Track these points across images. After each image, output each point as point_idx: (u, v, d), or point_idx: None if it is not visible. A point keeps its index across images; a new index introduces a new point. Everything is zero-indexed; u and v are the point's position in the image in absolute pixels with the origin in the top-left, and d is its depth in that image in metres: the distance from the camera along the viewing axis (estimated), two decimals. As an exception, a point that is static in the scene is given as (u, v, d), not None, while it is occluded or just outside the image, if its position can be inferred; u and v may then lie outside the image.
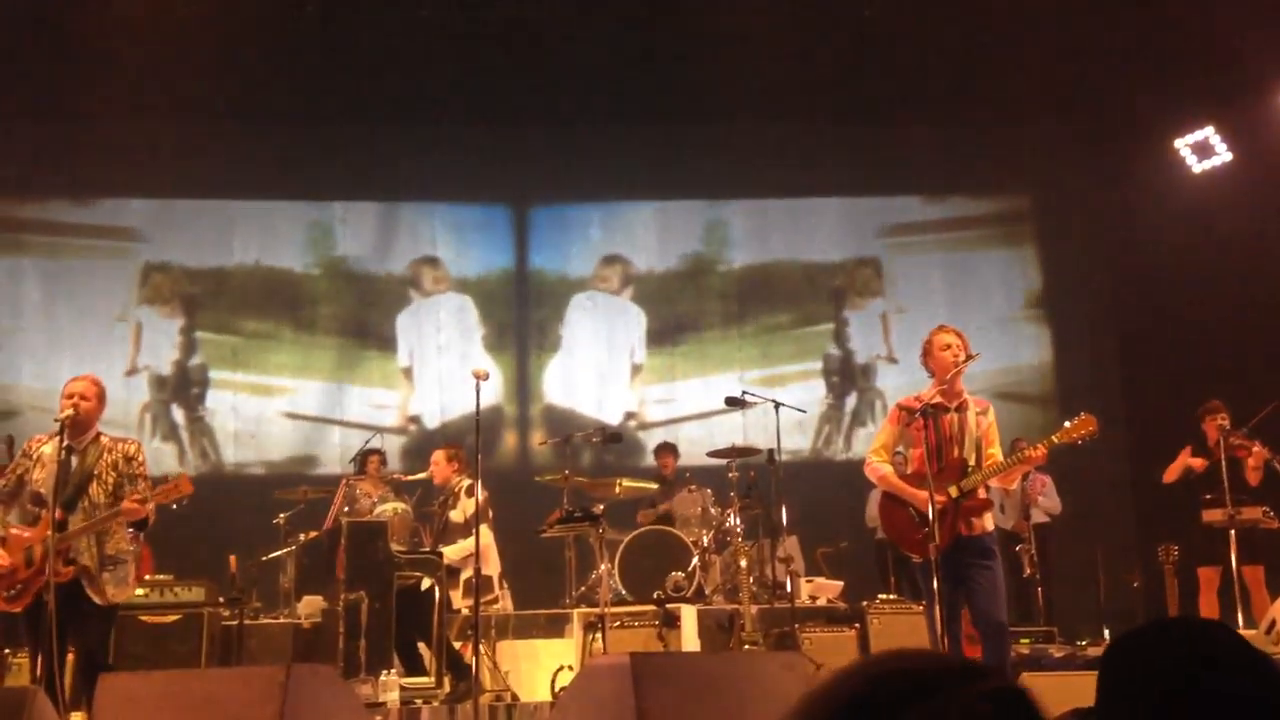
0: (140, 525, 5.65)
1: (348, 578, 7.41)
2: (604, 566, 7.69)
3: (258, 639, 8.04)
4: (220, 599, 7.94)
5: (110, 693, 4.12)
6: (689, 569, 8.21)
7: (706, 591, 8.43)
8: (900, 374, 11.82)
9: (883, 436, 5.88)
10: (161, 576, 7.89)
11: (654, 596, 7.87)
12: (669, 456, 9.88)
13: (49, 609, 5.21)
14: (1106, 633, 9.62)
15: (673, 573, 8.15)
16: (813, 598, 8.71)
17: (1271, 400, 8.32)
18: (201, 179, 11.54)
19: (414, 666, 7.55)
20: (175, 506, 5.70)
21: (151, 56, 10.16)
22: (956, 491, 5.49)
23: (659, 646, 7.31)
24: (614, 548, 8.23)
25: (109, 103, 10.61)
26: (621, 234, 12.47)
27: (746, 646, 7.28)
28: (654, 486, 9.44)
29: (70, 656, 5.70)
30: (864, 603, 8.10)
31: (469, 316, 12.13)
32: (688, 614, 7.64)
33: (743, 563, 7.78)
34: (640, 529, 8.75)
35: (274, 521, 8.83)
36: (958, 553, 5.45)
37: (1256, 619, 7.56)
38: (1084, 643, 8.77)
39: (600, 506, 8.30)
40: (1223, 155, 11.09)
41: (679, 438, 11.09)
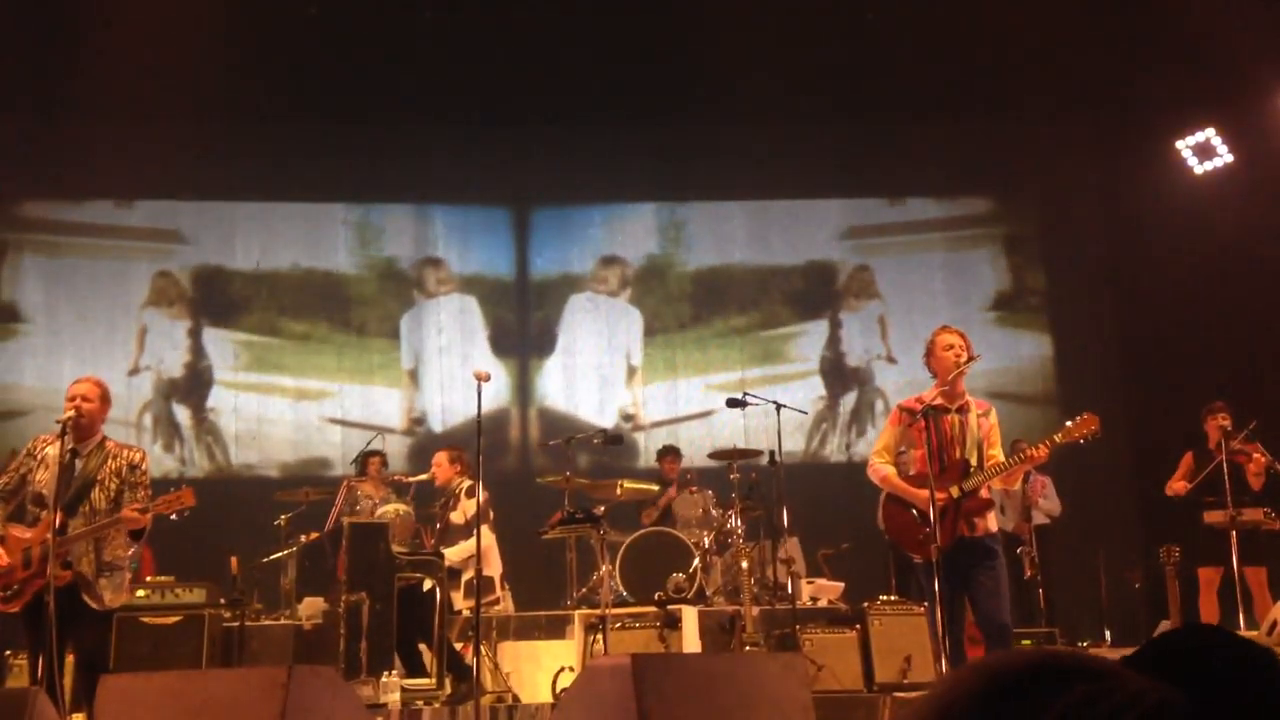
0: (137, 535, 5.64)
1: (349, 579, 7.40)
2: (605, 568, 7.69)
3: (259, 640, 8.03)
4: (221, 600, 7.93)
5: (111, 694, 4.13)
6: (690, 570, 8.19)
7: (708, 593, 8.42)
8: (899, 374, 11.83)
9: (885, 438, 5.87)
10: (163, 578, 7.90)
11: (655, 598, 7.86)
12: (671, 460, 9.86)
13: (48, 611, 5.20)
14: (1108, 634, 9.62)
15: (674, 574, 8.14)
16: (814, 599, 8.70)
17: (1273, 399, 8.32)
18: (203, 178, 11.54)
19: (415, 668, 7.54)
20: (175, 517, 5.67)
21: (149, 58, 10.18)
22: (958, 491, 5.49)
23: (660, 648, 7.30)
24: (615, 549, 8.22)
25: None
26: (621, 235, 12.46)
27: (747, 648, 7.27)
28: (655, 488, 9.44)
29: (70, 658, 5.69)
30: (865, 604, 8.07)
31: (472, 318, 12.11)
32: (689, 615, 7.62)
33: (744, 564, 7.77)
34: (641, 530, 8.75)
35: (275, 523, 8.83)
36: (960, 554, 5.45)
37: (1258, 620, 7.56)
38: (1085, 644, 8.77)
39: (601, 508, 8.30)
40: (1224, 157, 11.08)
41: (679, 439, 11.10)
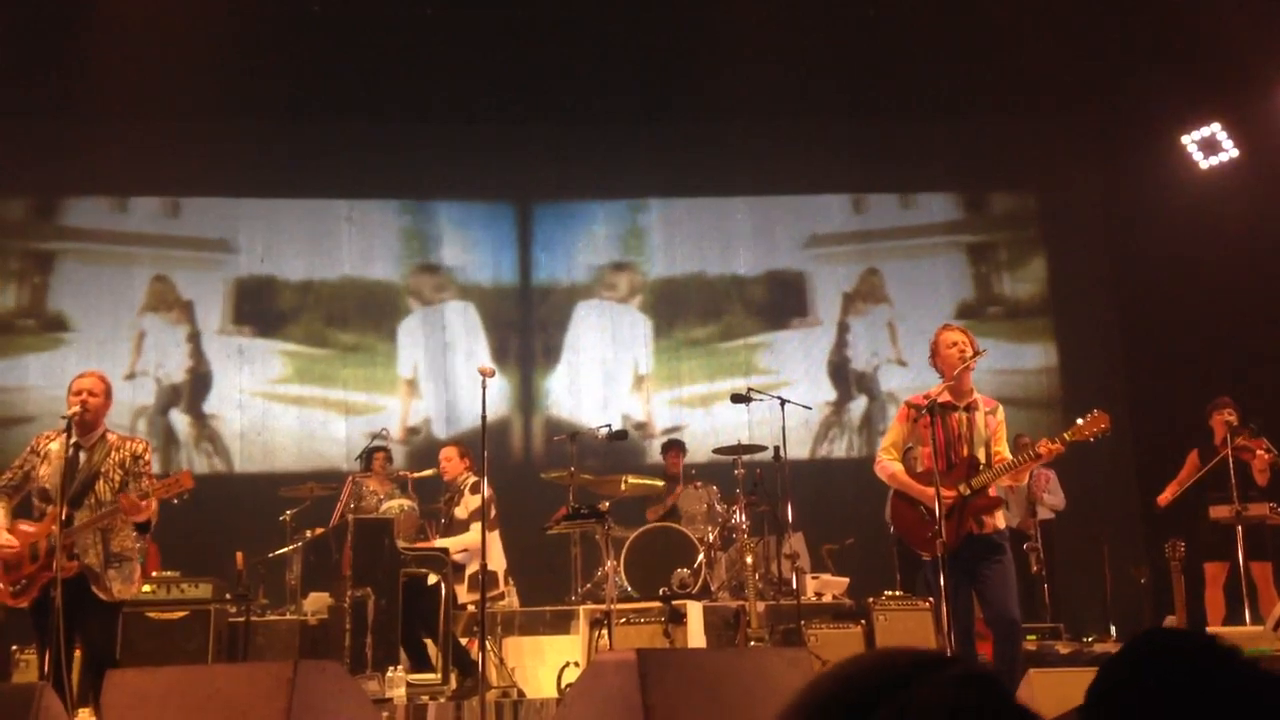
0: (143, 528, 5.66)
1: (354, 574, 7.42)
2: (610, 563, 7.70)
3: (264, 636, 8.06)
4: (227, 596, 7.96)
5: (118, 689, 4.14)
6: (695, 566, 8.20)
7: (712, 588, 8.42)
8: (906, 376, 11.82)
9: (892, 434, 5.87)
10: (169, 573, 7.93)
11: (660, 593, 7.87)
12: (675, 454, 9.87)
13: (56, 605, 5.23)
14: (1113, 629, 9.61)
15: (678, 569, 8.15)
16: (818, 594, 8.72)
17: (1278, 397, 8.30)
18: (203, 179, 11.54)
19: (420, 663, 7.55)
20: (177, 501, 5.70)
21: (145, 58, 10.21)
22: (966, 489, 5.49)
23: (665, 643, 7.31)
24: (619, 545, 8.23)
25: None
26: (631, 237, 12.42)
27: (752, 643, 7.28)
28: (660, 484, 9.44)
29: (77, 653, 5.71)
30: (870, 599, 8.08)
31: (473, 322, 12.07)
32: (693, 610, 7.63)
33: (748, 559, 7.77)
34: (646, 525, 8.75)
35: (280, 518, 8.84)
36: (969, 550, 5.45)
37: (1263, 615, 7.55)
38: (1090, 639, 8.76)
39: (606, 504, 8.31)
40: (1230, 151, 11.04)
41: (684, 434, 11.10)
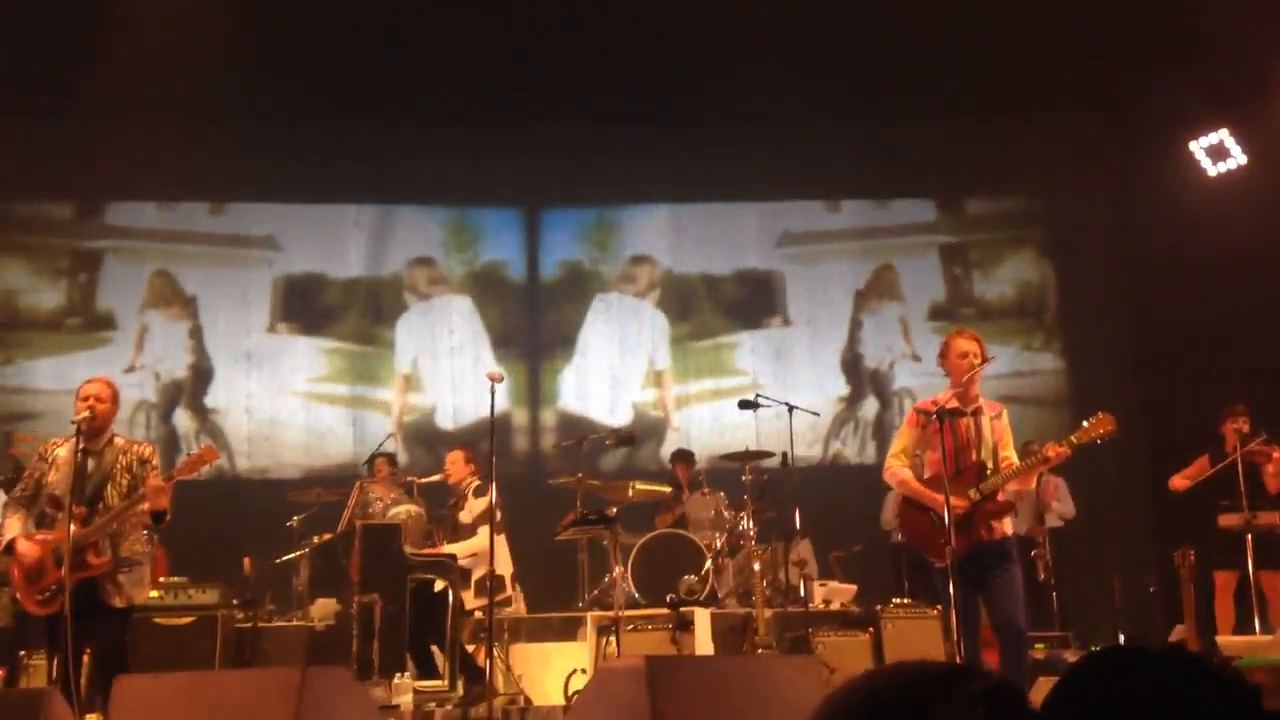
0: (158, 518, 5.63)
1: (361, 580, 7.42)
2: (618, 569, 7.67)
3: (271, 641, 8.05)
4: (234, 601, 7.97)
5: (126, 694, 4.14)
6: (702, 572, 8.18)
7: (720, 595, 8.40)
8: (915, 376, 11.81)
9: (902, 440, 5.84)
10: (176, 579, 7.94)
11: (667, 600, 7.85)
12: (684, 465, 9.81)
13: (65, 610, 5.23)
14: (1121, 637, 9.57)
15: (686, 576, 8.13)
16: (826, 601, 8.69)
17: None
18: (205, 179, 11.55)
19: (427, 669, 7.55)
20: (200, 474, 5.78)
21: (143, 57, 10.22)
22: (977, 495, 5.47)
23: (672, 650, 7.28)
24: (627, 551, 8.22)
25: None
26: (652, 235, 12.41)
27: (760, 650, 7.27)
28: (668, 489, 9.41)
29: (86, 658, 5.71)
30: (878, 607, 8.05)
31: (477, 320, 12.08)
32: (701, 617, 7.61)
33: (756, 566, 7.76)
34: (654, 532, 8.73)
35: (287, 524, 8.84)
36: (977, 557, 5.43)
37: (1273, 625, 7.52)
38: (1098, 647, 8.73)
39: (614, 509, 8.29)
40: (1238, 158, 11.04)
41: (691, 442, 11.07)
